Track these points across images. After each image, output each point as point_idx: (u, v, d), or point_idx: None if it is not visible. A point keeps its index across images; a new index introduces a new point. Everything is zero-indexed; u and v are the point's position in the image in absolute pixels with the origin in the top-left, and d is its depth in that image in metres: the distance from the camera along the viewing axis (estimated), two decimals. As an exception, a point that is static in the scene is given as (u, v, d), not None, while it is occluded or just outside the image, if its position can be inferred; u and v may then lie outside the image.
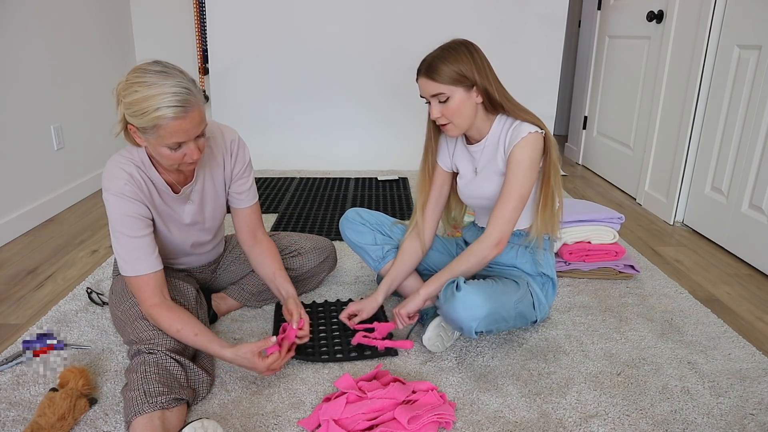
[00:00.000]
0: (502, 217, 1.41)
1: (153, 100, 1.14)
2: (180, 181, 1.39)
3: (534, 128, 1.39)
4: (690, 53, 2.48)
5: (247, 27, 3.28)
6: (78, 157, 2.84)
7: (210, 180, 1.45)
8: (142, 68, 1.18)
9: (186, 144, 1.22)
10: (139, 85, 1.15)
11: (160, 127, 1.16)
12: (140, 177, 1.31)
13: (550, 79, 3.45)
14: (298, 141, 3.48)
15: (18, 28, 2.37)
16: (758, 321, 1.74)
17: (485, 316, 1.34)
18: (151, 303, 1.29)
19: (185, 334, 1.27)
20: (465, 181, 1.56)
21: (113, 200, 1.28)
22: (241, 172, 1.49)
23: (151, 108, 1.14)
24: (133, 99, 1.15)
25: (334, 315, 1.68)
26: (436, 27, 3.28)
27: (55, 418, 1.17)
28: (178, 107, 1.15)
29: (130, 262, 1.30)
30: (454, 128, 1.43)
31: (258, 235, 1.56)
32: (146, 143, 1.23)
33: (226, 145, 1.45)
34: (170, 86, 1.15)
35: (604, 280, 1.97)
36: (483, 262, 1.44)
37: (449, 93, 1.37)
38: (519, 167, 1.39)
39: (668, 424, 1.25)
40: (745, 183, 2.15)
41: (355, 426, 1.18)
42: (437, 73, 1.36)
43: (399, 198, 2.90)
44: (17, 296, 1.84)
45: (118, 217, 1.28)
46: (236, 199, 1.52)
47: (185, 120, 1.17)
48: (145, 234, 1.31)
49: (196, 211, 1.46)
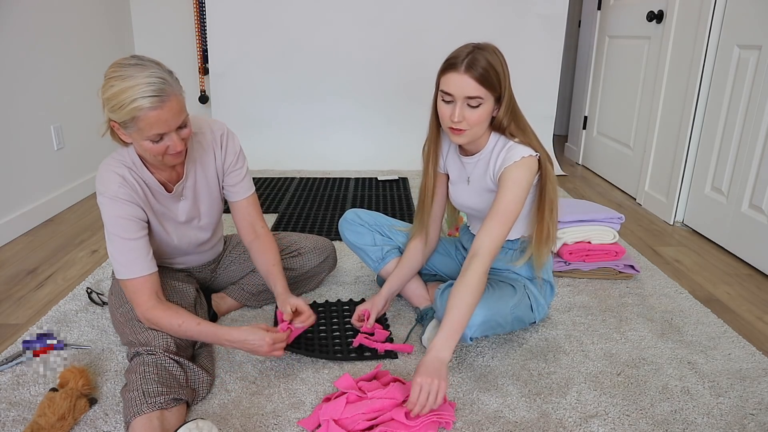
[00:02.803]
0: (488, 236, 1.32)
1: (129, 92, 1.14)
2: (172, 179, 1.40)
3: (528, 152, 1.34)
4: (690, 53, 2.48)
5: (247, 27, 3.28)
6: (78, 157, 2.84)
7: (202, 175, 1.45)
8: (119, 63, 1.18)
9: (168, 135, 1.21)
10: (115, 80, 1.16)
11: (138, 119, 1.16)
12: (133, 178, 1.31)
13: (550, 78, 3.45)
14: (298, 141, 3.48)
15: (18, 28, 2.37)
16: (758, 321, 1.74)
17: (480, 323, 1.34)
18: (147, 307, 1.29)
19: (187, 326, 1.28)
20: (456, 188, 1.54)
21: (107, 203, 1.28)
22: (233, 163, 1.48)
23: (128, 100, 1.14)
24: (110, 93, 1.16)
25: (334, 315, 1.69)
26: (436, 27, 3.28)
27: (55, 418, 1.17)
28: (153, 97, 1.14)
29: (126, 265, 1.29)
30: (466, 136, 1.34)
31: (257, 228, 1.55)
32: (130, 139, 1.24)
33: (215, 138, 1.45)
34: (145, 77, 1.15)
35: (604, 280, 1.97)
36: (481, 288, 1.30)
37: (485, 100, 1.29)
38: (511, 186, 1.32)
39: (668, 424, 1.25)
40: (745, 183, 2.15)
41: (355, 426, 1.18)
42: (483, 75, 1.27)
43: (399, 198, 2.90)
44: (17, 296, 1.84)
45: (113, 219, 1.28)
46: (231, 192, 1.51)
47: (162, 110, 1.16)
48: (140, 236, 1.31)
49: (191, 207, 1.46)
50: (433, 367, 1.19)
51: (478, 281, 1.28)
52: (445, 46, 1.62)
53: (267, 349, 1.29)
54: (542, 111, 3.51)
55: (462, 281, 1.28)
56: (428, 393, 1.16)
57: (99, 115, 1.30)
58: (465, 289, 1.27)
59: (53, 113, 2.63)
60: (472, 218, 1.61)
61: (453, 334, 1.24)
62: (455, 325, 1.25)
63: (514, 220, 1.34)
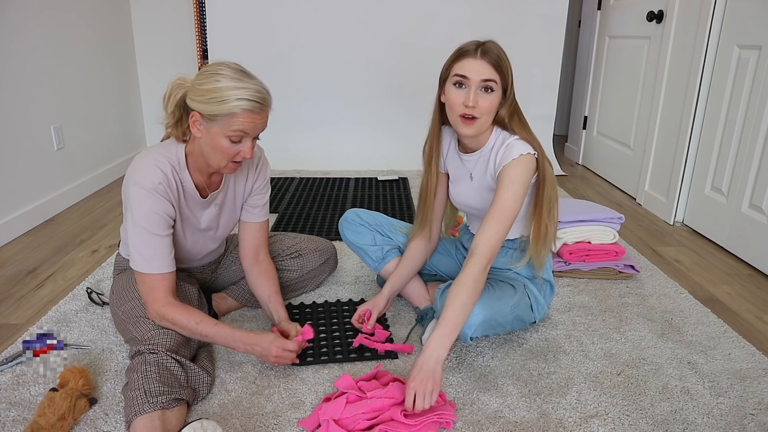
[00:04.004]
0: (486, 235, 1.31)
1: (236, 90, 1.22)
2: (209, 186, 1.43)
3: (526, 149, 1.34)
4: (690, 53, 2.48)
5: (247, 27, 3.28)
6: (78, 157, 2.84)
7: (232, 191, 1.50)
8: (223, 64, 1.27)
9: (246, 138, 1.29)
10: (221, 76, 1.23)
11: (234, 116, 1.23)
12: (173, 178, 1.33)
13: (550, 78, 3.45)
14: (298, 141, 3.48)
15: (18, 28, 2.37)
16: (758, 321, 1.74)
17: (480, 323, 1.34)
18: (162, 303, 1.30)
19: (204, 325, 1.30)
20: (456, 187, 1.54)
21: (144, 195, 1.29)
22: (260, 188, 1.54)
23: (233, 97, 1.22)
24: (214, 86, 1.22)
25: (334, 315, 1.69)
26: (436, 27, 3.28)
27: (55, 418, 1.17)
28: (257, 102, 1.24)
29: (149, 260, 1.30)
30: (476, 126, 1.34)
31: (260, 255, 1.58)
32: (203, 133, 1.27)
33: (253, 159, 1.51)
34: (254, 84, 1.25)
35: (604, 280, 1.97)
36: (478, 287, 1.30)
37: (497, 86, 1.31)
38: (509, 185, 1.32)
39: (668, 424, 1.25)
40: (745, 183, 2.15)
41: (355, 426, 1.18)
42: (497, 61, 1.30)
43: (399, 198, 2.90)
44: (17, 296, 1.84)
45: (146, 212, 1.29)
46: (249, 213, 1.55)
47: (259, 116, 1.27)
48: (167, 234, 1.33)
49: (214, 217, 1.49)
50: (427, 369, 1.19)
51: (473, 280, 1.27)
52: (445, 46, 1.62)
53: (273, 356, 1.34)
54: (542, 111, 3.51)
55: (458, 280, 1.28)
56: (423, 396, 1.17)
57: (99, 115, 1.30)
58: (460, 288, 1.27)
59: (53, 113, 2.63)
60: (471, 217, 1.61)
61: (448, 333, 1.24)
62: (450, 323, 1.24)
63: (513, 219, 1.33)
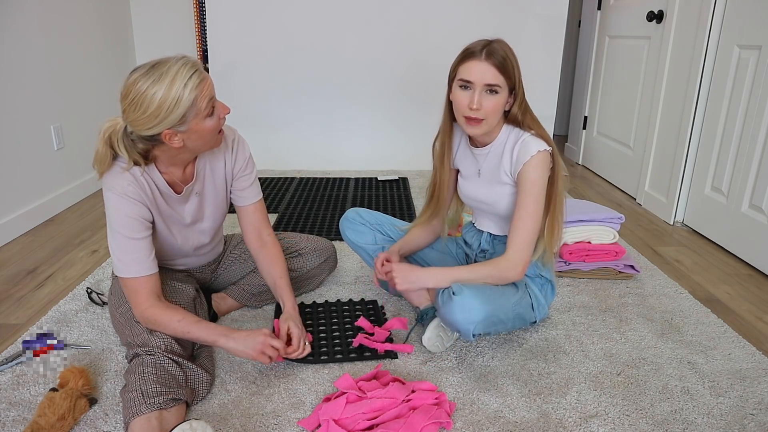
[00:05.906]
0: (522, 242, 1.37)
1: (173, 84, 1.16)
2: (183, 180, 1.40)
3: (543, 146, 1.37)
4: (690, 53, 2.48)
5: (247, 27, 3.28)
6: (78, 157, 2.84)
7: (211, 179, 1.46)
8: (136, 78, 1.17)
9: (215, 101, 1.25)
10: (151, 88, 1.15)
11: (195, 101, 1.18)
12: (143, 178, 1.31)
13: (550, 79, 3.45)
14: (298, 141, 3.48)
15: (18, 28, 2.37)
16: (758, 321, 1.74)
17: (482, 319, 1.34)
18: (145, 306, 1.29)
19: (186, 323, 1.28)
20: (467, 182, 1.56)
21: (115, 200, 1.28)
22: (242, 169, 1.50)
23: (179, 91, 1.16)
24: (158, 101, 1.15)
25: (334, 315, 1.69)
26: (435, 27, 3.28)
27: (55, 418, 1.17)
28: (196, 74, 1.18)
29: (127, 263, 1.30)
30: (482, 126, 1.37)
31: (264, 235, 1.56)
32: (184, 138, 1.23)
33: (226, 143, 1.46)
34: (174, 66, 1.17)
35: (604, 280, 1.97)
36: (502, 279, 1.39)
37: (502, 88, 1.33)
38: (533, 189, 1.36)
39: (668, 424, 1.25)
40: (745, 183, 2.15)
41: (355, 426, 1.18)
42: (502, 63, 1.31)
43: (399, 198, 2.90)
44: (17, 296, 1.84)
45: (119, 217, 1.28)
46: (239, 197, 1.52)
47: (206, 80, 1.21)
48: (144, 236, 1.31)
49: (196, 209, 1.46)
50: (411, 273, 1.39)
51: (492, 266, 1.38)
52: (445, 46, 1.63)
53: (256, 353, 1.29)
54: (542, 111, 3.49)
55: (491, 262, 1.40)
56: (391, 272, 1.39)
57: (99, 115, 1.30)
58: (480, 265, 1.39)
59: (53, 113, 2.63)
60: (479, 213, 1.61)
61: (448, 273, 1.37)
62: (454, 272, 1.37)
63: (540, 221, 1.39)
